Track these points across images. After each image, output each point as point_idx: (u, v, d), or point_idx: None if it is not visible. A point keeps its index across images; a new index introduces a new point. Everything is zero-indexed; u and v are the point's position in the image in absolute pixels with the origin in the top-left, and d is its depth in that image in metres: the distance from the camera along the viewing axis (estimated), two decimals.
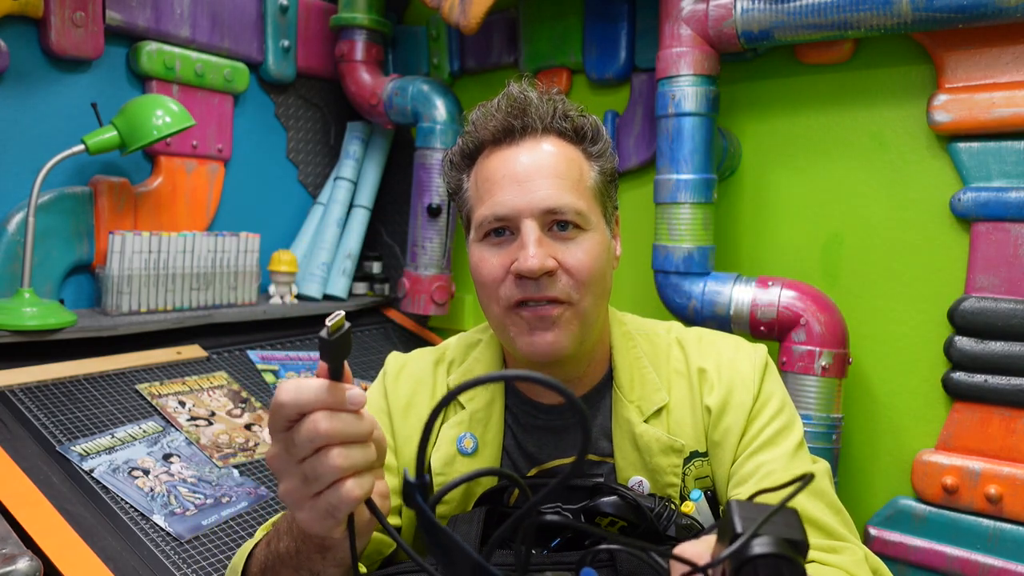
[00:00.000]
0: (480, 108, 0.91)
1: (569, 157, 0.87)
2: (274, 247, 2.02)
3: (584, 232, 0.85)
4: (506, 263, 0.84)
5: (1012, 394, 1.25)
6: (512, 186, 0.84)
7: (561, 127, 0.88)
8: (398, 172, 2.20)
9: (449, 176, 0.95)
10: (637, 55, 1.72)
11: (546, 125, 0.87)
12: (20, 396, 1.30)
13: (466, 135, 0.91)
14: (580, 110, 0.90)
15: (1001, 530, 1.25)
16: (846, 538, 0.81)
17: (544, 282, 0.83)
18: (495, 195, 0.85)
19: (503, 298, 0.85)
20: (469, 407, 0.93)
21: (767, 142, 1.56)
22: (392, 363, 1.02)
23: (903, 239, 1.40)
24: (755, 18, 1.37)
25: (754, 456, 0.86)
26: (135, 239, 1.60)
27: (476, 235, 0.88)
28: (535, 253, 0.81)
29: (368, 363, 1.91)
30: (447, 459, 0.91)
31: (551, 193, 0.83)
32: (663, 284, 1.50)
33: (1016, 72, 1.25)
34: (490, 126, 0.88)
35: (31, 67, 1.55)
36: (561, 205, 0.83)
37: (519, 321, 0.85)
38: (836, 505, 0.84)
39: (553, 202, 0.83)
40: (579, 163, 0.88)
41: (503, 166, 0.86)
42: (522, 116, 0.86)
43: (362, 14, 1.99)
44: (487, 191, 0.87)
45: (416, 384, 0.97)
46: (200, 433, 1.40)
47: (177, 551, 1.12)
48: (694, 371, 0.92)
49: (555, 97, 0.90)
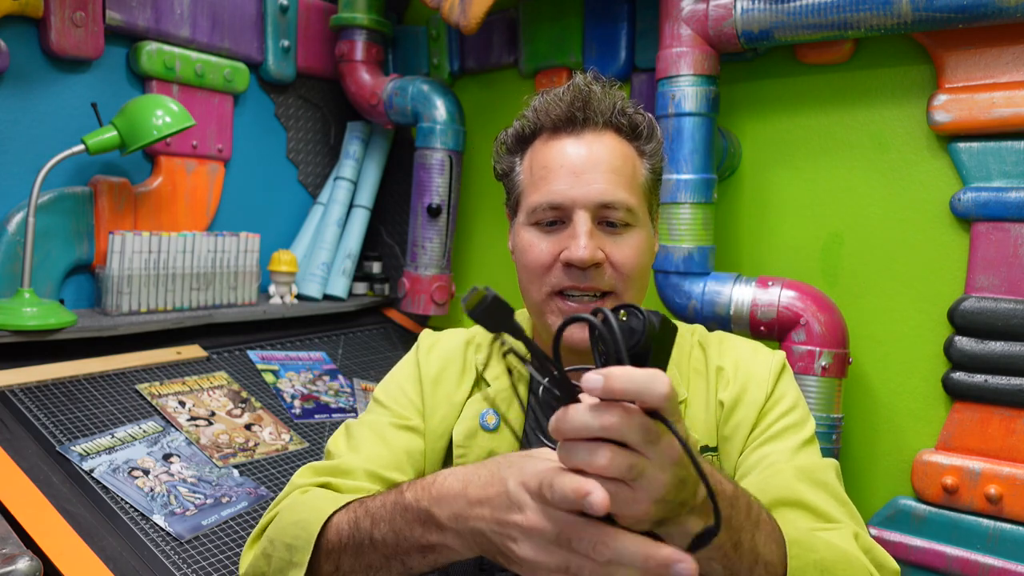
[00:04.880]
0: (543, 95, 0.92)
1: (624, 153, 0.89)
2: (274, 247, 2.02)
3: (632, 228, 0.88)
4: (555, 251, 0.87)
5: (1012, 394, 1.25)
6: (569, 176, 0.87)
7: (619, 123, 0.90)
8: (398, 172, 2.20)
9: (500, 158, 0.97)
10: (637, 55, 1.72)
11: (606, 119, 0.89)
12: (20, 396, 1.30)
13: (524, 119, 0.93)
14: (637, 107, 0.92)
15: (1001, 530, 1.25)
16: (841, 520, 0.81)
17: (591, 273, 0.86)
18: (551, 183, 0.87)
19: (548, 284, 0.88)
20: (495, 385, 0.96)
21: (767, 142, 1.56)
22: (425, 339, 1.05)
23: (903, 239, 1.40)
24: (755, 18, 1.37)
25: (760, 448, 0.87)
26: (135, 239, 1.60)
27: (527, 219, 0.91)
28: (586, 244, 0.84)
29: (368, 363, 1.91)
30: (469, 432, 0.94)
31: (606, 188, 0.86)
32: (663, 284, 1.50)
33: (1016, 72, 1.25)
34: (552, 114, 0.89)
35: (31, 67, 1.55)
36: (615, 200, 0.86)
37: (558, 310, 0.88)
38: (841, 497, 0.84)
39: (608, 197, 0.86)
40: (633, 160, 0.90)
41: (561, 155, 0.88)
42: (585, 108, 0.88)
43: (362, 14, 1.99)
44: (542, 178, 0.89)
45: (446, 360, 1.00)
46: (200, 433, 1.40)
47: (177, 551, 1.12)
48: (712, 369, 0.94)
49: (616, 92, 0.92)
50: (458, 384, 0.97)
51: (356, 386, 1.79)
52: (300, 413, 1.61)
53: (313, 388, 1.72)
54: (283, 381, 1.69)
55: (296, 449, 1.48)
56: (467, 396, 0.97)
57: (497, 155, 0.97)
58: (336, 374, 1.81)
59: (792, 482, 0.82)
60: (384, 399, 0.99)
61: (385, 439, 0.93)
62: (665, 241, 1.48)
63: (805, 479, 0.82)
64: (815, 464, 0.85)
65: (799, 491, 0.81)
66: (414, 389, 0.98)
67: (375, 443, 0.93)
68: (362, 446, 0.93)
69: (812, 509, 0.80)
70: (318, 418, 1.62)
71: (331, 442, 0.97)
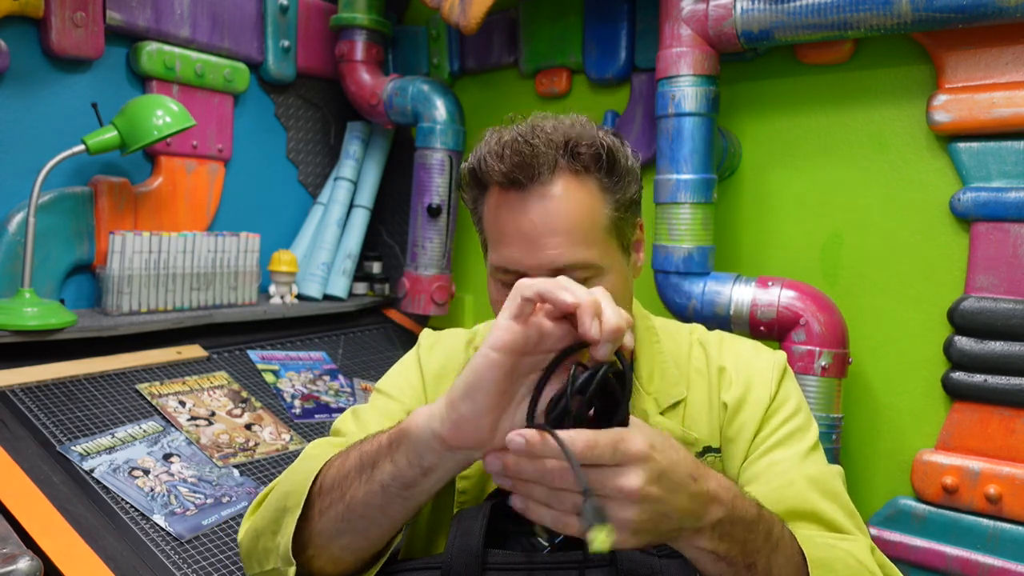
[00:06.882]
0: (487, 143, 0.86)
1: (579, 201, 0.83)
2: (274, 247, 2.02)
3: (597, 277, 0.84)
4: None
5: (1012, 394, 1.25)
6: (522, 243, 0.82)
7: (572, 165, 0.83)
8: (398, 172, 2.20)
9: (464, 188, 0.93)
10: (637, 55, 1.72)
11: (553, 169, 0.83)
12: (20, 396, 1.30)
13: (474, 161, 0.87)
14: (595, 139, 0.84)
15: (1001, 530, 1.25)
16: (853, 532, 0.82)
17: None
18: (505, 247, 0.84)
19: None
20: None
21: (767, 142, 1.56)
22: (426, 338, 1.04)
23: (903, 239, 1.40)
24: (755, 18, 1.37)
25: (767, 454, 0.87)
26: (135, 239, 1.60)
27: (491, 270, 0.88)
28: None
29: (368, 363, 1.91)
30: None
31: (561, 252, 0.81)
32: (663, 284, 1.50)
33: (1016, 72, 1.25)
34: (496, 172, 0.83)
35: (31, 67, 1.55)
36: (570, 263, 0.81)
37: None
38: (849, 508, 0.84)
39: (562, 261, 0.81)
40: (591, 204, 0.84)
41: (511, 219, 0.83)
42: (527, 168, 0.82)
43: (362, 14, 1.99)
44: (497, 240, 0.85)
45: (447, 358, 1.00)
46: (200, 433, 1.40)
47: (177, 551, 1.12)
48: (714, 369, 0.93)
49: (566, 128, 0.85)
50: None
51: (356, 386, 1.79)
52: (300, 413, 1.61)
53: (313, 388, 1.72)
54: (283, 381, 1.69)
55: (296, 449, 1.48)
56: None
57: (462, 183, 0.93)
58: (336, 374, 1.81)
59: (805, 493, 0.82)
60: (388, 389, 0.98)
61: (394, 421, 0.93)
62: (665, 241, 1.48)
63: (817, 489, 0.82)
64: (824, 473, 0.85)
65: (812, 502, 0.81)
66: (417, 382, 0.98)
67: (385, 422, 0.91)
68: (371, 426, 0.91)
69: (826, 522, 0.81)
70: (318, 418, 1.62)
71: (338, 422, 0.96)
